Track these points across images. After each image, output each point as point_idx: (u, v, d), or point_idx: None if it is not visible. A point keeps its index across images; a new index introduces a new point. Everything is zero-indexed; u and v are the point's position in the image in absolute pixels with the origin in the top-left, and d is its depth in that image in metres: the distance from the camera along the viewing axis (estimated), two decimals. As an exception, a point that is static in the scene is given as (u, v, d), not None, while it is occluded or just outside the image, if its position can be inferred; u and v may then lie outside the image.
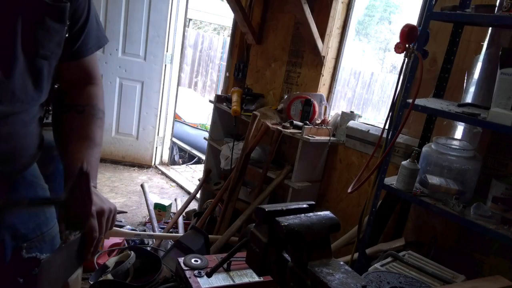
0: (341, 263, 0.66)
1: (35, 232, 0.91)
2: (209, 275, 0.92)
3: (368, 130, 2.49)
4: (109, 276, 1.88)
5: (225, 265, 1.17)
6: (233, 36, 3.60)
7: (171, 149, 4.98)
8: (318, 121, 2.76)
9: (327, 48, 2.78)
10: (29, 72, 0.80)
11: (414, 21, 2.15)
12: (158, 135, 4.66)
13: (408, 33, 1.75)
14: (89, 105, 0.98)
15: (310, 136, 2.51)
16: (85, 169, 0.77)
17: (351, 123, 2.60)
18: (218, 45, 9.19)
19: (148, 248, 2.56)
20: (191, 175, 4.72)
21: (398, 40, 1.78)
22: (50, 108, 0.97)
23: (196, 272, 1.14)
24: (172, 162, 5.06)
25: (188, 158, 5.49)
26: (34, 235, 0.91)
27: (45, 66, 0.84)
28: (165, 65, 4.44)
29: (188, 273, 1.14)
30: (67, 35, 0.87)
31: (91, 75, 1.01)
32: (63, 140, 0.94)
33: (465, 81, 2.03)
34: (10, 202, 0.84)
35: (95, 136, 0.95)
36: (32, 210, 0.91)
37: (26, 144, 0.87)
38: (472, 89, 2.00)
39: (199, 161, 5.29)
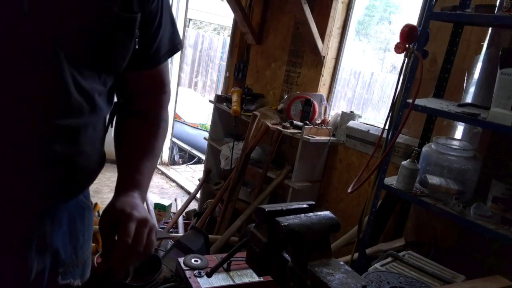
0: (341, 263, 0.65)
1: (71, 256, 0.87)
2: (209, 275, 0.92)
3: (368, 130, 2.49)
4: (109, 276, 1.88)
5: (225, 265, 1.17)
6: (233, 36, 3.60)
7: (171, 149, 4.98)
8: (318, 121, 2.76)
9: (327, 48, 2.78)
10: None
11: (414, 21, 2.15)
12: (158, 135, 4.66)
13: (408, 33, 1.75)
14: (154, 113, 0.94)
15: (310, 136, 2.51)
16: None
17: (351, 123, 2.60)
18: (218, 45, 9.18)
19: (148, 248, 2.56)
20: (191, 175, 4.72)
21: (398, 40, 1.78)
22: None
23: (196, 272, 1.14)
24: (172, 162, 5.07)
25: (188, 158, 5.49)
26: (70, 260, 0.87)
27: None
28: (165, 65, 4.44)
29: (188, 273, 1.14)
30: (137, 47, 0.80)
31: (162, 83, 0.94)
32: (122, 144, 0.91)
33: (465, 81, 2.03)
34: None
35: (154, 147, 0.91)
36: (72, 231, 0.87)
37: (91, 162, 0.82)
38: (472, 89, 2.00)
39: (199, 161, 5.29)
